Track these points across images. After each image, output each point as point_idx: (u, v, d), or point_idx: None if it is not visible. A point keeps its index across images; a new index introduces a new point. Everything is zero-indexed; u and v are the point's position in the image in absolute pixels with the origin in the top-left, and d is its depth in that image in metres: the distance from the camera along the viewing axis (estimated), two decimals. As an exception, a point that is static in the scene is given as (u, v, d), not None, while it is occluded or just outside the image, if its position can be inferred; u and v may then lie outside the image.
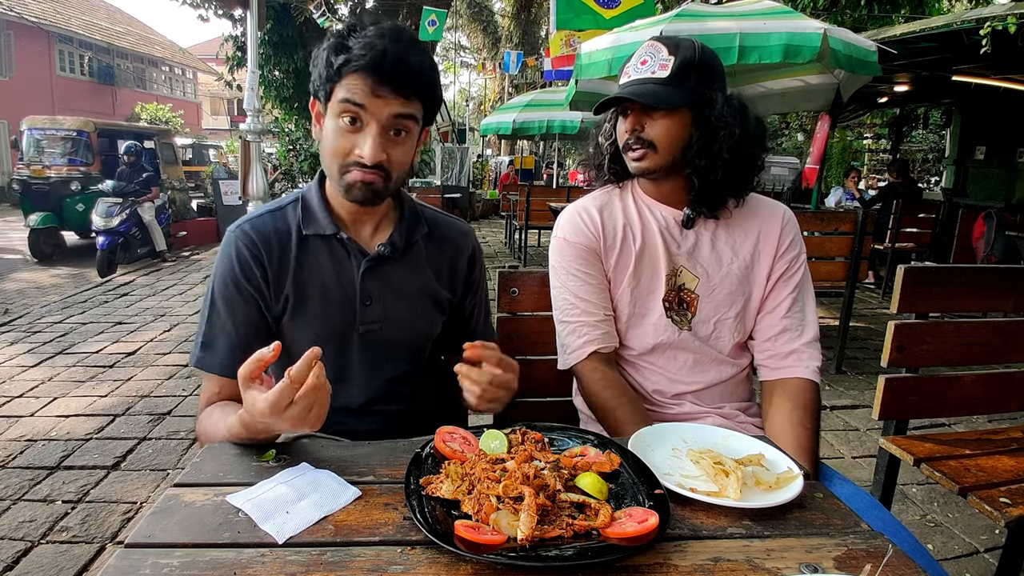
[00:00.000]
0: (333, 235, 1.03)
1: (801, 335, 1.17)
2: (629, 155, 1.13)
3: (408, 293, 1.08)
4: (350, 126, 0.92)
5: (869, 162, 15.22)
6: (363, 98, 0.90)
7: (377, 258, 1.04)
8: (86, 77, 18.65)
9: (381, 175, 0.94)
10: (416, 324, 1.10)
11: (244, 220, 1.04)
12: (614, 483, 0.77)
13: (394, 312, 1.06)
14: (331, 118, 0.94)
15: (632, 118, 1.11)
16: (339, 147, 0.94)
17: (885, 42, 4.02)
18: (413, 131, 0.97)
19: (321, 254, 1.03)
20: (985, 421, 2.83)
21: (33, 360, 3.64)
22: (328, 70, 0.92)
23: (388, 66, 0.88)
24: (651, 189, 1.21)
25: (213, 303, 1.01)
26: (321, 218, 1.03)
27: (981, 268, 1.64)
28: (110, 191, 6.64)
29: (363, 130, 0.92)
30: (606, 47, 3.74)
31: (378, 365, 1.08)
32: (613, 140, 1.20)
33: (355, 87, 0.90)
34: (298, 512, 0.70)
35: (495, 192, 12.90)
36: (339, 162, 0.95)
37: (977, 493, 1.25)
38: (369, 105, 0.90)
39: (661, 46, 1.10)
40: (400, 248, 1.07)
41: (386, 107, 0.91)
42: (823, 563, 0.64)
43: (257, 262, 1.00)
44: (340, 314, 1.03)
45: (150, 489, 2.24)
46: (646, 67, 1.09)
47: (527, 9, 18.90)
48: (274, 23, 8.69)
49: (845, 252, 3.43)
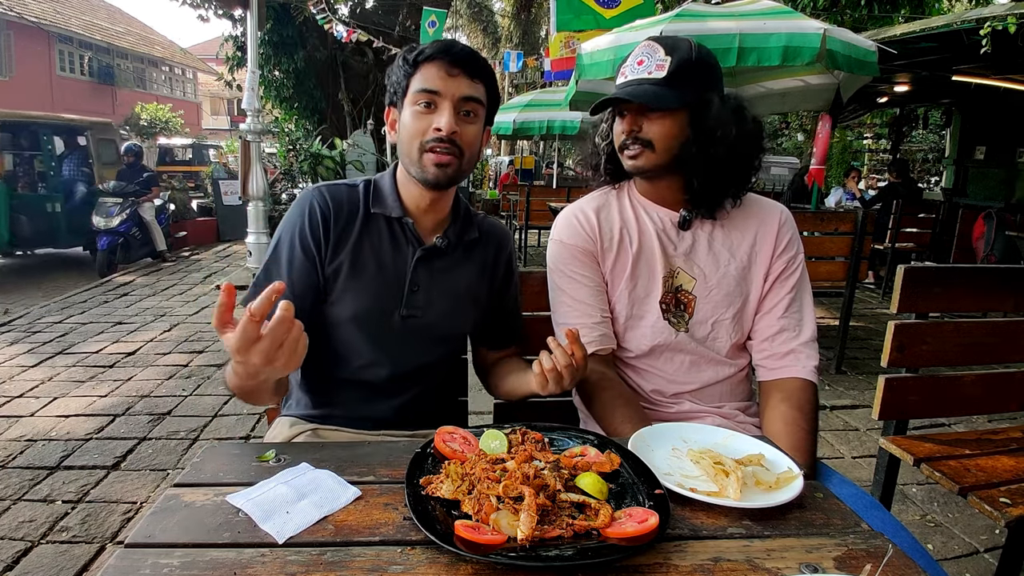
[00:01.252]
0: (397, 218, 1.11)
1: (799, 335, 1.16)
2: (625, 154, 1.13)
3: (453, 288, 1.14)
4: (425, 109, 1.02)
5: (869, 162, 15.22)
6: (436, 83, 1.01)
7: (431, 249, 1.12)
8: (86, 77, 18.65)
9: (455, 153, 1.03)
10: (454, 318, 1.17)
11: (323, 184, 1.13)
12: (614, 483, 0.77)
13: (437, 303, 1.13)
14: (408, 107, 1.04)
15: (629, 118, 1.11)
16: (417, 128, 1.03)
17: (885, 42, 4.02)
18: (480, 116, 1.07)
19: (382, 233, 1.11)
20: (985, 421, 2.83)
21: (33, 360, 3.64)
22: (404, 68, 1.04)
23: (458, 51, 1.03)
24: (648, 190, 1.21)
25: (276, 250, 1.08)
26: (390, 200, 1.11)
27: (981, 268, 1.64)
28: (110, 191, 6.64)
29: (438, 110, 1.02)
30: (607, 47, 3.74)
31: (410, 349, 1.13)
32: (610, 140, 1.20)
33: (429, 75, 1.02)
34: (298, 512, 0.70)
35: (495, 192, 12.89)
36: (419, 141, 1.03)
37: (977, 493, 1.25)
38: (442, 88, 1.01)
39: (658, 46, 1.10)
40: (454, 244, 1.14)
41: (457, 88, 1.02)
42: (823, 563, 0.64)
43: (324, 221, 1.07)
44: (387, 294, 1.10)
45: (150, 489, 2.24)
46: (643, 67, 1.09)
47: (527, 9, 18.90)
48: (274, 23, 8.68)
49: (845, 252, 3.43)
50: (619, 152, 1.15)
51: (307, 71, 9.43)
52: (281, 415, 1.19)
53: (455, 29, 21.31)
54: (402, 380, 1.14)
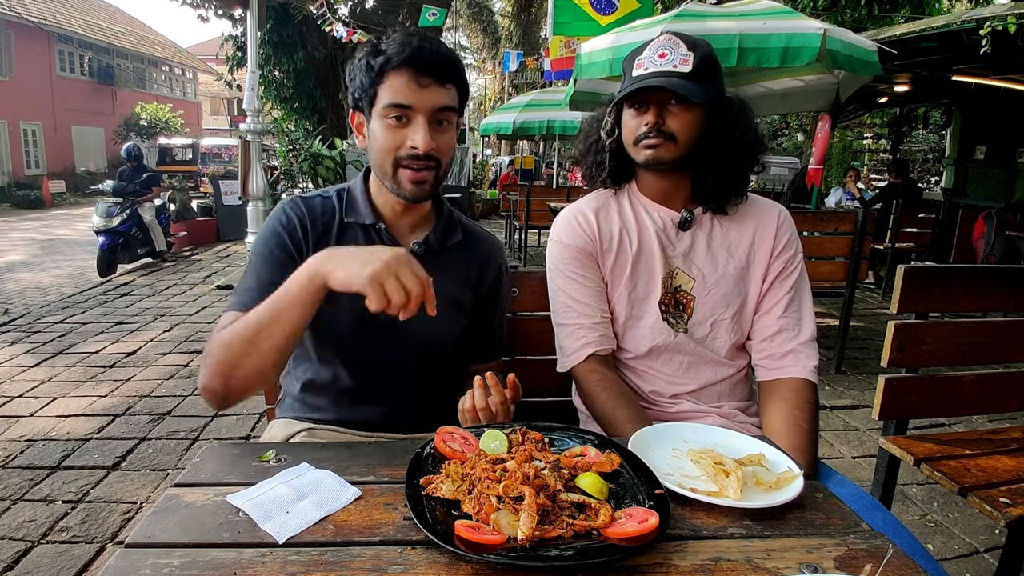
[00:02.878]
0: (372, 225, 1.08)
1: (798, 335, 1.16)
2: (643, 145, 1.11)
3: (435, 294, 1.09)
4: (396, 123, 0.98)
5: (869, 162, 15.23)
6: (408, 96, 0.96)
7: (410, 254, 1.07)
8: (86, 77, 18.65)
9: (432, 166, 1.00)
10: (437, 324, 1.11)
11: (298, 196, 1.11)
12: (614, 483, 0.77)
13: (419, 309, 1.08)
14: (377, 120, 1.00)
15: (654, 110, 1.09)
16: (391, 143, 0.99)
17: (885, 42, 4.02)
18: (453, 121, 1.04)
19: (359, 241, 1.08)
20: (985, 421, 2.83)
21: (33, 360, 3.64)
22: (369, 75, 0.98)
23: (426, 57, 0.96)
24: (651, 189, 1.20)
25: (254, 259, 1.06)
26: (362, 208, 1.08)
27: (981, 268, 1.64)
28: (111, 191, 6.64)
29: (411, 124, 0.98)
30: (606, 47, 3.74)
31: (395, 354, 1.11)
32: (616, 137, 1.18)
33: (398, 86, 0.96)
34: (298, 512, 0.70)
35: (495, 192, 12.90)
36: (393, 156, 0.99)
37: (977, 493, 1.25)
38: (414, 101, 0.96)
39: (679, 41, 1.10)
40: (434, 249, 1.11)
41: (430, 99, 0.97)
42: (823, 563, 0.64)
43: (303, 227, 1.05)
44: None
45: (150, 489, 2.24)
46: (666, 60, 1.08)
47: (527, 9, 18.89)
48: (274, 23, 8.69)
49: (845, 252, 3.43)
50: (633, 145, 1.13)
51: (307, 71, 9.43)
52: (276, 417, 1.18)
53: (455, 29, 21.31)
54: (391, 384, 1.12)
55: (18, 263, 7.48)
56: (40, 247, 8.81)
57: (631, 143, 1.14)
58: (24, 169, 16.16)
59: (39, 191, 14.81)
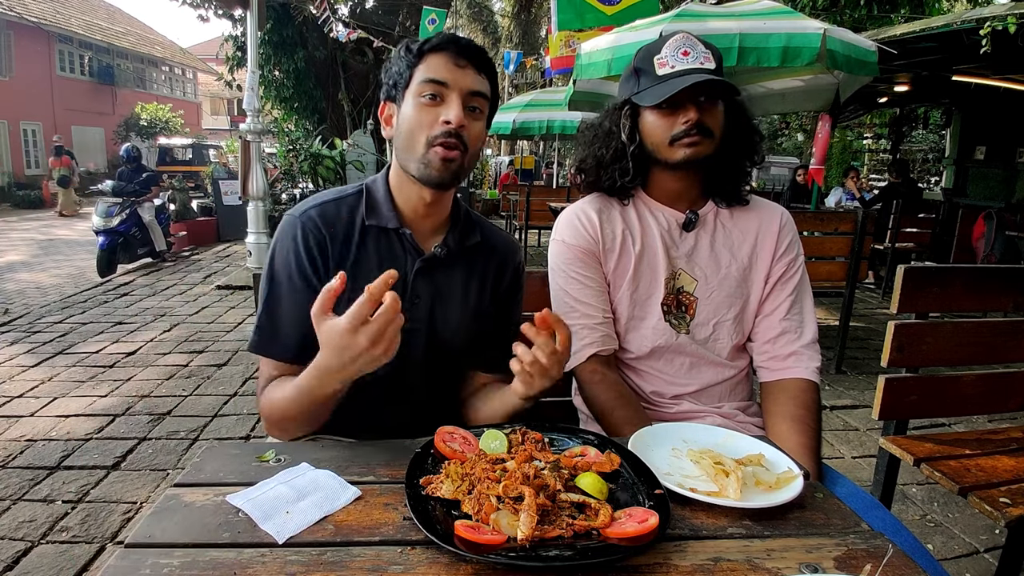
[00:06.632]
0: (394, 229, 1.05)
1: (800, 337, 1.17)
2: (682, 143, 1.08)
3: (454, 297, 1.09)
4: (431, 101, 0.97)
5: (869, 162, 15.22)
6: (444, 73, 0.97)
7: (431, 259, 1.06)
8: (86, 77, 18.65)
9: (460, 148, 0.98)
10: (456, 329, 1.10)
11: (309, 206, 1.05)
12: (614, 483, 0.77)
13: (439, 314, 1.08)
14: (411, 99, 0.99)
15: (694, 108, 1.07)
16: (422, 120, 0.97)
17: (885, 42, 4.02)
18: (484, 113, 1.03)
19: (380, 246, 1.05)
20: (985, 421, 2.83)
21: (33, 360, 3.64)
22: (408, 57, 1.00)
23: (465, 43, 0.99)
24: (663, 191, 1.19)
25: (272, 290, 1.02)
26: (385, 210, 1.06)
27: (981, 268, 1.64)
28: (110, 191, 6.64)
29: (444, 102, 0.98)
30: (606, 47, 3.74)
31: (412, 362, 1.07)
32: (637, 141, 1.15)
33: (436, 65, 0.97)
34: (298, 512, 0.70)
35: (495, 192, 12.90)
36: (424, 135, 0.97)
37: (977, 493, 1.25)
38: (450, 78, 0.97)
39: (695, 40, 1.10)
40: (454, 252, 1.08)
41: (465, 80, 0.98)
42: (823, 563, 0.64)
43: (321, 250, 1.02)
44: None
45: (150, 489, 2.24)
46: (691, 58, 1.08)
47: (527, 9, 18.89)
48: (274, 23, 8.68)
49: (845, 252, 3.43)
50: (668, 145, 1.10)
51: (307, 71, 9.43)
52: None
53: (455, 29, 21.29)
54: (404, 393, 1.10)
55: (18, 263, 7.47)
56: (40, 247, 8.82)
57: (663, 143, 1.11)
58: (24, 169, 16.16)
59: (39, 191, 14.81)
